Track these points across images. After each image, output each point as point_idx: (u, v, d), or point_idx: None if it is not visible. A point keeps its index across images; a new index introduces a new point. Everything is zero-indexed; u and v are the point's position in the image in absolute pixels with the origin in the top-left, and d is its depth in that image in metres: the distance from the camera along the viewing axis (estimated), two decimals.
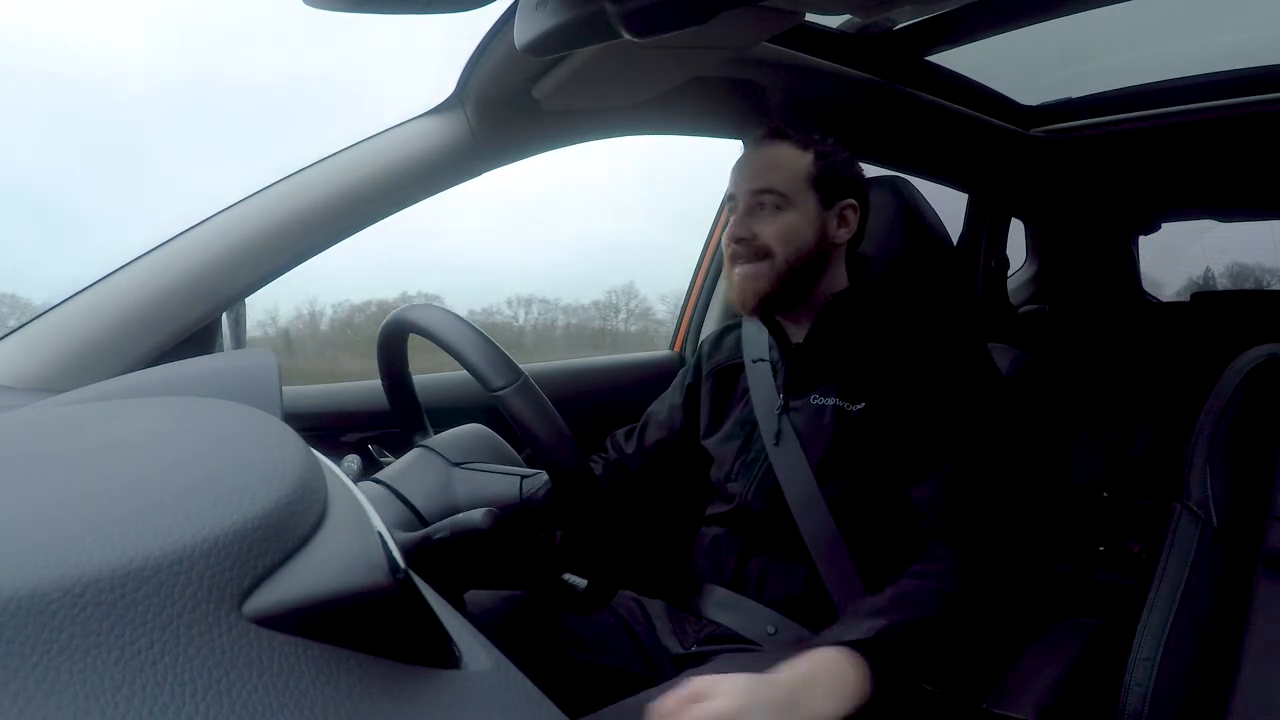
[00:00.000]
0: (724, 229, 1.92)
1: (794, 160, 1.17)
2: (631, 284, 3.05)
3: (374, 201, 1.14)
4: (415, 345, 1.01)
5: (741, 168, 1.19)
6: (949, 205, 2.12)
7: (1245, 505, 0.99)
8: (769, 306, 1.17)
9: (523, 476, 0.97)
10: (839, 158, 1.20)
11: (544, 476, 0.94)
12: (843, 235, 1.19)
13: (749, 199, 1.16)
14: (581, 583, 0.93)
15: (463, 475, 0.97)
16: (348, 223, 1.12)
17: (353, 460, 1.27)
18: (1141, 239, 2.66)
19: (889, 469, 1.08)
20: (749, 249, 1.15)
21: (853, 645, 0.86)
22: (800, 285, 1.17)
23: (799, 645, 0.90)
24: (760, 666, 0.84)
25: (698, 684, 0.75)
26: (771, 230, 1.14)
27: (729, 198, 1.20)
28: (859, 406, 1.11)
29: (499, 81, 1.19)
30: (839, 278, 1.20)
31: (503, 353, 0.84)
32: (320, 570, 0.34)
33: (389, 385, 1.06)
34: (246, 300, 1.08)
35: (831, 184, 1.18)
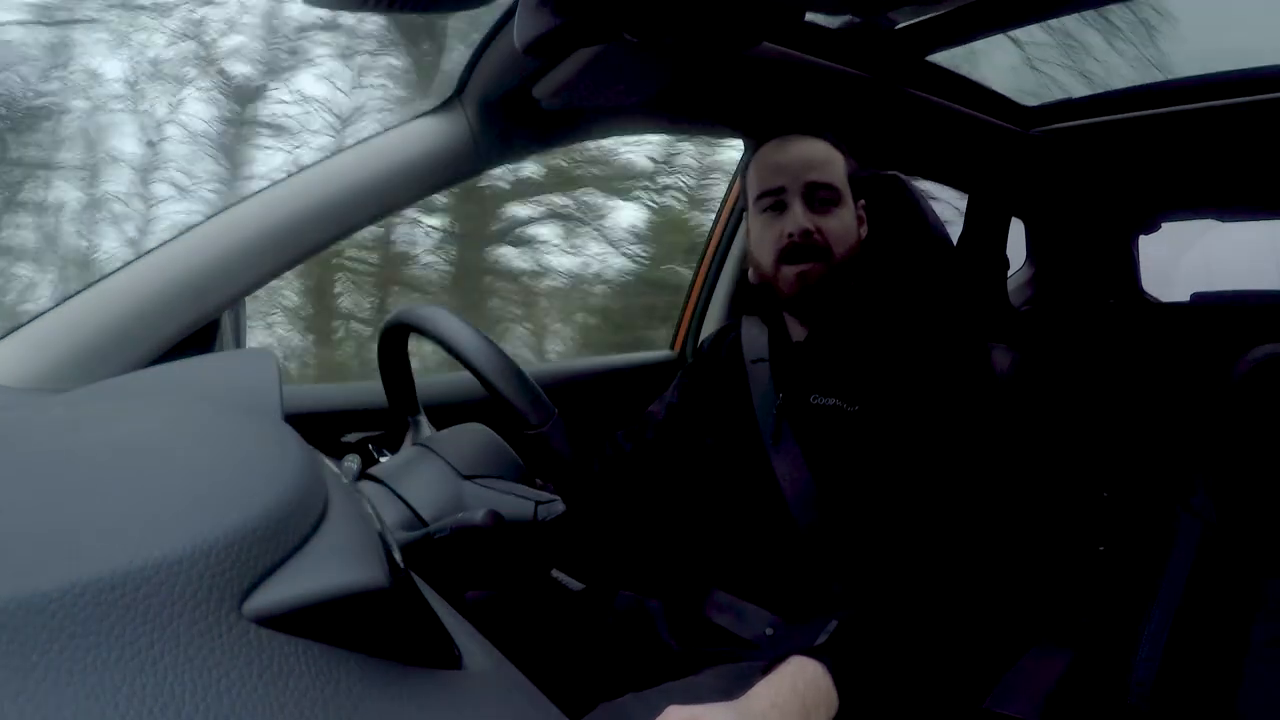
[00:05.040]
0: (725, 228, 1.93)
1: (836, 157, 1.17)
2: None
3: (374, 201, 1.14)
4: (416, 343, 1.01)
5: (789, 161, 1.15)
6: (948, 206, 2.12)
7: (1246, 505, 0.99)
8: (825, 306, 1.15)
9: (538, 501, 0.96)
10: (855, 159, 1.21)
11: (559, 505, 0.94)
12: (864, 234, 1.21)
13: (804, 191, 1.13)
14: (575, 583, 0.94)
15: (473, 490, 0.97)
16: (348, 223, 1.12)
17: (353, 460, 1.26)
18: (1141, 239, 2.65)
19: (887, 470, 1.08)
20: (810, 245, 1.11)
21: (816, 652, 0.84)
22: (847, 283, 1.16)
23: (792, 644, 0.89)
24: (753, 675, 0.84)
25: (675, 715, 0.74)
26: (831, 227, 1.13)
27: (774, 191, 1.15)
28: (856, 407, 1.11)
29: (499, 81, 1.19)
30: None
31: (537, 389, 0.86)
32: (320, 570, 0.34)
33: (389, 383, 1.06)
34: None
35: (856, 184, 1.19)
